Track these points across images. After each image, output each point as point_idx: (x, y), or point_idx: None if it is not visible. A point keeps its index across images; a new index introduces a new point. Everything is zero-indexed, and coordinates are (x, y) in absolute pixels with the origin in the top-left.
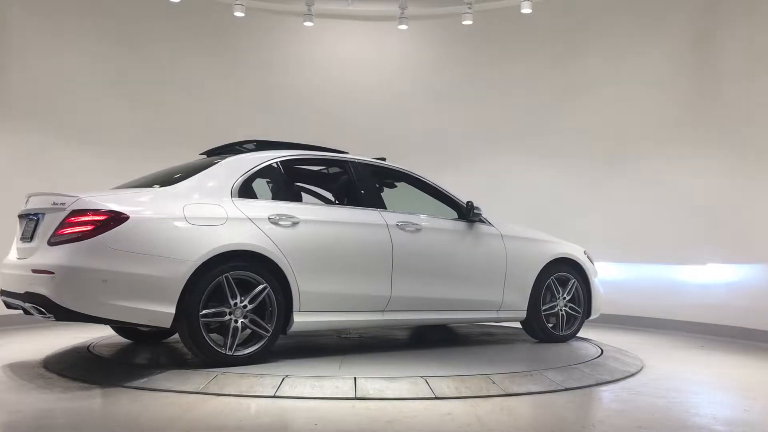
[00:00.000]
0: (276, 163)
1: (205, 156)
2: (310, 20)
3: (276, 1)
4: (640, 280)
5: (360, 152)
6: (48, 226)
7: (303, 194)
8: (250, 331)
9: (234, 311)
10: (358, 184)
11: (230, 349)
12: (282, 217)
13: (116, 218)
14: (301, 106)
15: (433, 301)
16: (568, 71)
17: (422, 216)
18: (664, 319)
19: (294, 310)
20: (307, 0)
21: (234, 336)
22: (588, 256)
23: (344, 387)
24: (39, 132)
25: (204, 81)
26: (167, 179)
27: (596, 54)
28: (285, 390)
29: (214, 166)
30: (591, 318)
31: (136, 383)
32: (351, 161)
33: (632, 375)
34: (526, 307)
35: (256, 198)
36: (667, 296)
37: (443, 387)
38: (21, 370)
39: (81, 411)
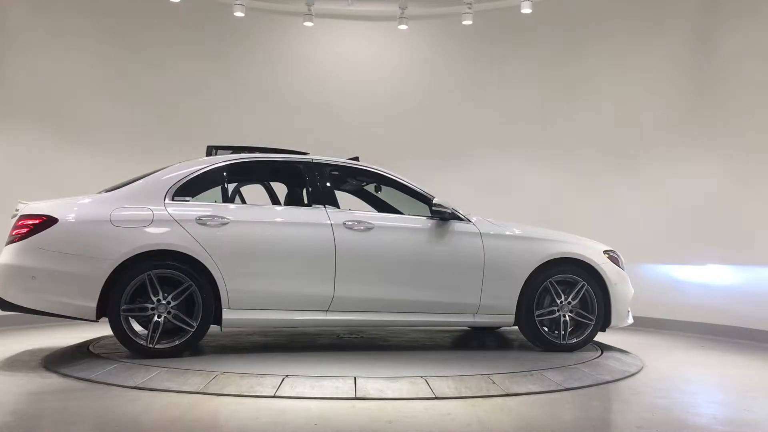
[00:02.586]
0: (221, 167)
1: (213, 150)
2: (310, 20)
3: (276, 1)
4: (640, 280)
5: (359, 152)
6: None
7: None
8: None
9: (157, 307)
10: (309, 184)
11: (151, 342)
12: (211, 217)
13: (47, 222)
14: (301, 106)
15: (388, 302)
16: (568, 71)
17: (378, 214)
18: (664, 319)
19: (223, 307)
20: (307, 0)
21: (155, 330)
22: (612, 256)
23: (344, 387)
24: (39, 132)
25: (204, 81)
26: (119, 184)
27: (596, 54)
28: (285, 390)
29: (159, 171)
30: (613, 327)
31: (136, 383)
32: (304, 162)
33: (632, 375)
34: (513, 312)
35: (200, 201)
36: (666, 296)
37: (443, 387)
38: (21, 370)
39: (81, 411)
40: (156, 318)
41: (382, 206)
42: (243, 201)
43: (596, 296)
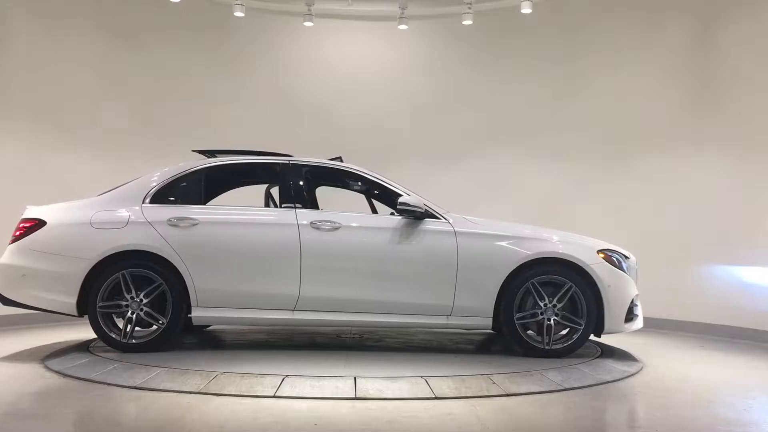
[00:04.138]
0: (199, 170)
1: (201, 154)
2: (310, 20)
3: (276, 1)
4: (640, 279)
5: (358, 152)
6: None
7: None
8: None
9: (131, 304)
10: (283, 185)
11: (125, 336)
12: (181, 219)
13: (38, 224)
14: (301, 106)
15: (354, 302)
16: (568, 71)
17: (348, 214)
18: (664, 319)
19: (192, 305)
20: (307, 0)
21: (130, 325)
22: (609, 256)
23: (344, 387)
24: (39, 132)
25: (204, 81)
26: (112, 188)
27: (596, 53)
28: (285, 390)
29: (144, 176)
30: (608, 332)
31: (136, 383)
32: (279, 163)
33: (632, 375)
34: (490, 314)
35: (181, 203)
36: (667, 296)
37: (443, 387)
38: (21, 370)
39: (81, 411)
40: (129, 314)
41: (385, 203)
42: (275, 203)
43: (587, 299)
